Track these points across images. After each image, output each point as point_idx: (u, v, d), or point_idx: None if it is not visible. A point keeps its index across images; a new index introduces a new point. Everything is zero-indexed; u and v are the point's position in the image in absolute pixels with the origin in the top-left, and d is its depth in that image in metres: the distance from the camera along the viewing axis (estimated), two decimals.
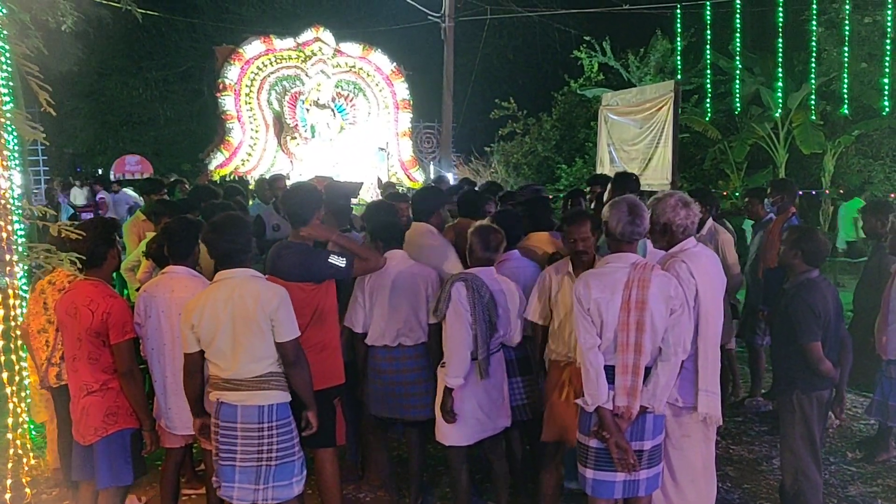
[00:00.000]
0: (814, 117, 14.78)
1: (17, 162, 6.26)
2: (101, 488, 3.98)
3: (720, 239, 6.00)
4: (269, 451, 3.60)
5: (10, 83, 6.03)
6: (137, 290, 4.63)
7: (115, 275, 5.25)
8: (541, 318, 4.22)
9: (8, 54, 5.78)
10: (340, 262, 4.13)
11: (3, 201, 4.65)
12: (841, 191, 15.47)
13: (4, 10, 5.25)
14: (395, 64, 16.74)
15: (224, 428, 3.64)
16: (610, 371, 3.46)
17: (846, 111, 14.18)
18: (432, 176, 16.45)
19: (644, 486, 3.57)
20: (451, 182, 10.81)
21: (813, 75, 14.34)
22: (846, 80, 13.90)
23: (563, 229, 4.26)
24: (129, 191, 16.32)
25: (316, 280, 4.11)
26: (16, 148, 6.06)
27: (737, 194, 15.41)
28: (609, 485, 3.54)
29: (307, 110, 15.96)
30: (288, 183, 8.02)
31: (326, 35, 15.99)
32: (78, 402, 3.93)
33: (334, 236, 4.35)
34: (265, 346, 3.58)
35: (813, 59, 14.31)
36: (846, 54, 13.82)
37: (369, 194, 13.16)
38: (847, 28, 13.82)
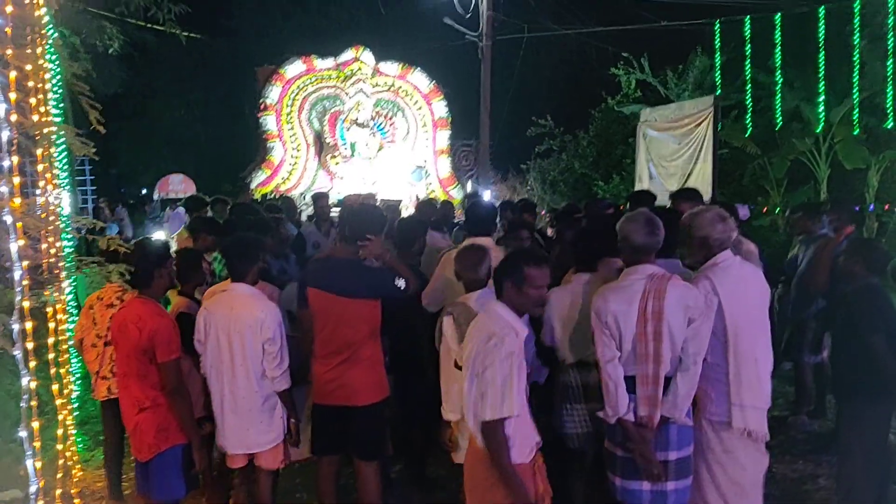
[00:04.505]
0: (857, 132, 14.55)
1: (66, 182, 6.44)
2: (155, 501, 4.04)
3: (743, 249, 5.93)
4: None
5: (61, 104, 6.22)
6: None
7: None
8: None
9: (59, 75, 5.96)
10: (401, 283, 4.22)
11: (52, 218, 4.77)
12: (886, 206, 15.16)
13: (56, 34, 5.43)
14: (433, 83, 16.85)
15: None
16: (631, 381, 3.48)
17: (891, 125, 13.93)
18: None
19: (672, 499, 3.54)
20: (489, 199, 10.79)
21: (856, 89, 14.13)
22: (890, 94, 13.67)
23: None
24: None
25: (379, 297, 4.18)
26: (65, 167, 6.24)
27: (777, 210, 15.19)
28: (637, 493, 3.55)
29: (347, 129, 16.10)
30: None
31: (366, 55, 16.15)
32: (131, 418, 4.00)
33: (388, 257, 4.37)
34: None
35: (856, 73, 14.09)
36: (890, 67, 13.60)
37: (408, 212, 13.24)
38: (891, 41, 13.61)
